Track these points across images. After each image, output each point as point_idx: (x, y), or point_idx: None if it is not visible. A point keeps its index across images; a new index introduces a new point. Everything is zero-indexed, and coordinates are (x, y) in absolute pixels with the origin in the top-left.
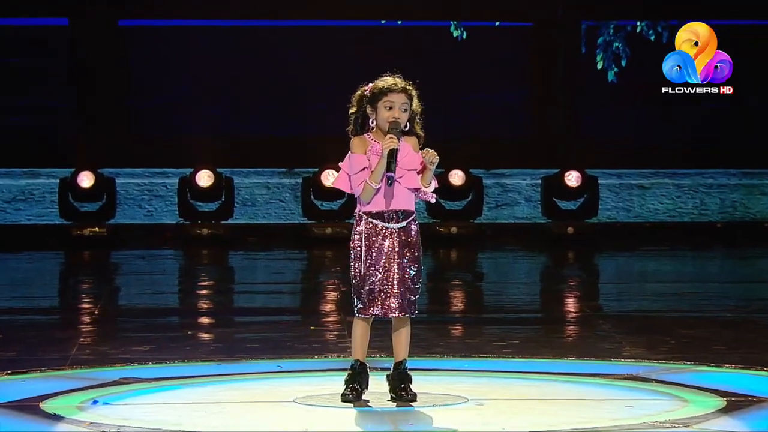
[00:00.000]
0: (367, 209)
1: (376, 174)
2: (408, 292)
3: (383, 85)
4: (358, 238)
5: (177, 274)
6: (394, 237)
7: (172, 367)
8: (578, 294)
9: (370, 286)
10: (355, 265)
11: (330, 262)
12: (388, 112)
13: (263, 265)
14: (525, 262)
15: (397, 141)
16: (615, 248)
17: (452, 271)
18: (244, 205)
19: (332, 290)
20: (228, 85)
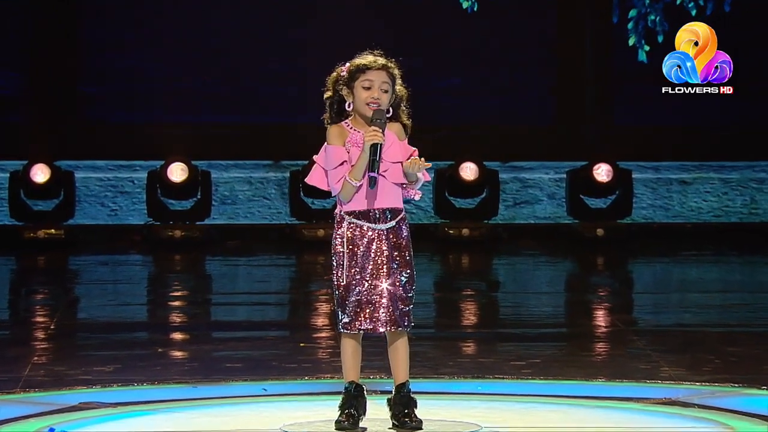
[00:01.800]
0: (349, 208)
1: (357, 170)
2: (399, 302)
3: (361, 62)
4: (339, 242)
5: (145, 283)
6: (382, 239)
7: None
8: (609, 305)
9: (356, 297)
10: (338, 274)
11: (322, 268)
12: (367, 93)
13: (245, 272)
14: (547, 269)
15: (381, 134)
16: (651, 253)
17: (463, 279)
18: (223, 203)
19: (325, 301)
20: (204, 64)
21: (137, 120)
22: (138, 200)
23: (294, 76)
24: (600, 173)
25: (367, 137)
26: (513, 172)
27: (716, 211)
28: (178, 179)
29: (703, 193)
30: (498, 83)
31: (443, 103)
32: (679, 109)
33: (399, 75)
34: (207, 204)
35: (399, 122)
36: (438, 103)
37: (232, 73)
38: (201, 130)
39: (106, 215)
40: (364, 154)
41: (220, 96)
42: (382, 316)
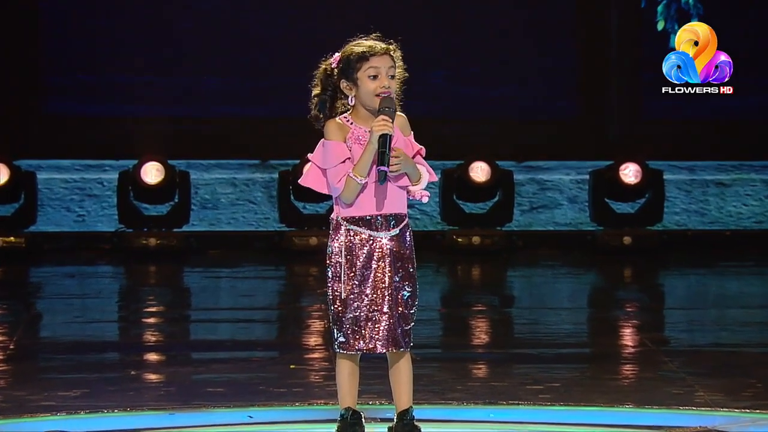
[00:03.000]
0: (349, 213)
1: (362, 165)
2: (401, 320)
3: (361, 49)
4: (337, 251)
5: (116, 297)
6: (384, 249)
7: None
8: (637, 323)
9: (355, 313)
10: (335, 287)
11: (315, 281)
12: (374, 83)
13: (229, 285)
14: (568, 282)
15: (391, 124)
16: (685, 264)
17: (473, 293)
18: (204, 207)
19: (318, 318)
20: (181, 51)
21: (107, 114)
22: (108, 204)
23: (283, 66)
24: (627, 174)
25: (375, 127)
26: (529, 173)
27: (758, 216)
28: (152, 181)
29: (743, 196)
30: (513, 73)
31: (450, 95)
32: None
33: (399, 57)
34: (185, 209)
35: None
36: (445, 94)
37: (213, 62)
38: (179, 126)
39: (72, 221)
40: (370, 146)
41: (201, 87)
42: (382, 335)
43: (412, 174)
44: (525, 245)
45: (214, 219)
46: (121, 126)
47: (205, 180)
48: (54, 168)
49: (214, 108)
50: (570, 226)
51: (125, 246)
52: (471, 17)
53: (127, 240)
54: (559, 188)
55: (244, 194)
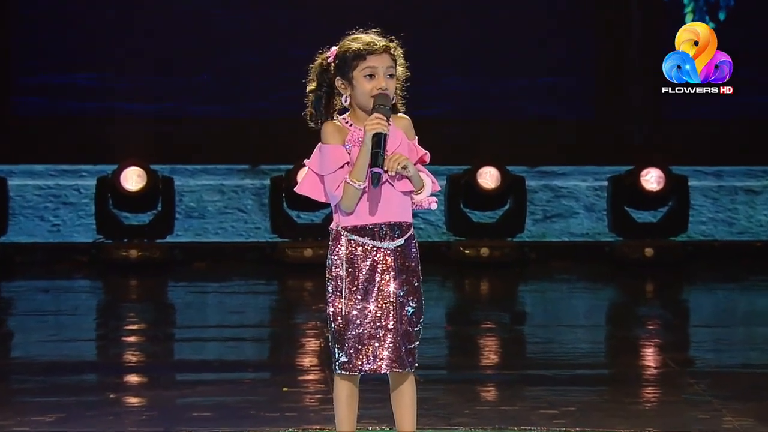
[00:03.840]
0: (350, 222)
1: (358, 169)
2: (406, 338)
3: (357, 46)
4: (338, 264)
5: (94, 314)
6: (389, 260)
7: None
8: (660, 342)
9: (358, 330)
10: (336, 304)
11: (310, 296)
12: (371, 83)
13: (216, 300)
14: (585, 297)
15: (385, 122)
16: (712, 278)
17: (482, 309)
18: (189, 216)
19: (313, 336)
20: (166, 47)
21: (84, 115)
22: (85, 213)
23: (275, 62)
24: (649, 180)
25: (368, 126)
26: (543, 179)
27: None
28: (133, 187)
29: None
30: (525, 70)
31: (456, 93)
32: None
33: (401, 55)
34: (169, 218)
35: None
36: (450, 92)
37: (199, 59)
38: (162, 127)
39: (47, 231)
40: (365, 147)
41: (186, 86)
42: (386, 354)
43: (417, 181)
44: (538, 257)
45: (201, 229)
46: (99, 128)
47: (190, 186)
48: (26, 173)
49: (200, 108)
50: (587, 236)
51: (104, 258)
52: (479, 9)
53: (106, 252)
54: (575, 196)
55: (233, 202)
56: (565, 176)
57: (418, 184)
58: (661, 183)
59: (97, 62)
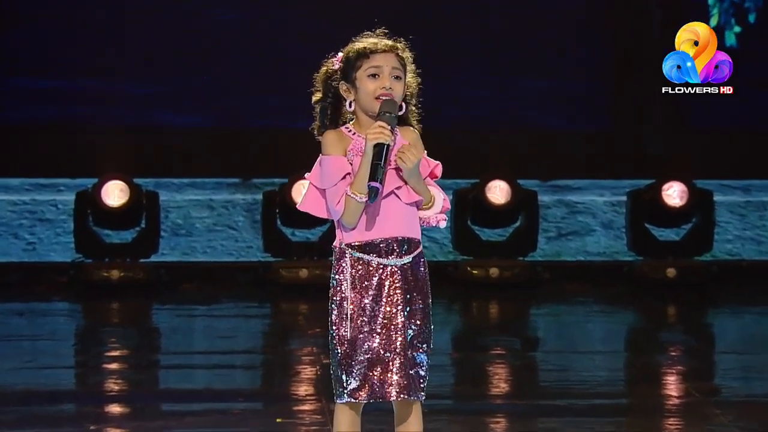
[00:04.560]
0: (353, 239)
1: (359, 180)
2: (411, 363)
3: (360, 45)
4: (343, 284)
5: (73, 340)
6: (396, 279)
7: None
8: (683, 369)
9: (366, 355)
10: (342, 327)
11: (305, 320)
12: (374, 83)
13: (204, 324)
14: (602, 321)
15: (389, 131)
16: (739, 300)
17: (491, 334)
18: (176, 234)
19: (309, 363)
20: (148, 50)
21: (62, 122)
22: (63, 231)
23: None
24: (671, 195)
25: (370, 135)
26: (557, 194)
27: None
28: (115, 203)
29: None
30: (537, 76)
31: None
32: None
33: (410, 60)
34: (154, 235)
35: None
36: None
37: (187, 64)
38: (146, 137)
39: (21, 250)
40: (366, 158)
41: (172, 93)
42: (395, 380)
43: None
44: (551, 278)
45: (188, 248)
46: (79, 138)
47: (177, 202)
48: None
49: (187, 117)
50: (604, 255)
51: (83, 279)
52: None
53: (86, 272)
54: (591, 211)
55: (223, 219)
56: (581, 191)
57: (425, 197)
58: (684, 198)
59: (76, 66)
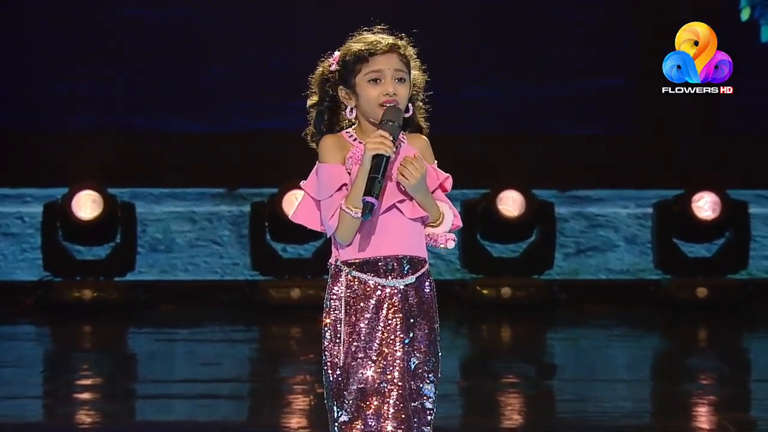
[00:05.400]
0: (350, 256)
1: (355, 193)
2: (416, 395)
3: (358, 47)
4: (336, 305)
5: (41, 366)
6: (395, 302)
7: None
8: (715, 399)
9: (360, 384)
10: (334, 353)
11: (298, 345)
12: (376, 89)
13: (186, 350)
14: (625, 346)
15: (390, 141)
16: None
17: (503, 360)
18: (154, 249)
19: (301, 393)
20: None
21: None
22: (29, 246)
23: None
24: (702, 207)
25: (369, 145)
26: (575, 205)
27: None
28: (87, 215)
29: None
30: (553, 75)
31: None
32: None
33: (414, 56)
34: (130, 251)
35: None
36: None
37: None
38: (122, 143)
39: None
40: (363, 169)
41: (150, 95)
42: (392, 413)
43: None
44: (569, 299)
45: (168, 265)
46: (47, 144)
47: (155, 214)
48: None
49: (167, 122)
50: (628, 273)
51: (52, 300)
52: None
53: (55, 292)
54: (613, 225)
55: (207, 233)
56: (602, 202)
57: (432, 215)
58: (716, 210)
59: (43, 66)
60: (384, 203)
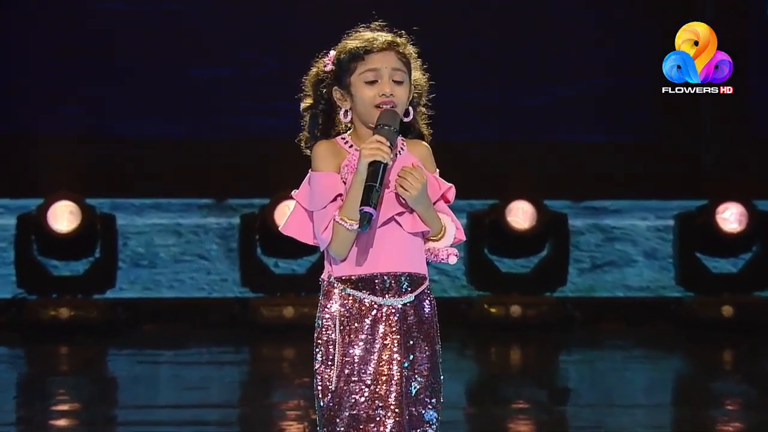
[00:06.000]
0: (344, 272)
1: (350, 203)
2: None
3: (354, 44)
4: (329, 325)
5: (15, 391)
6: (392, 322)
7: None
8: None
9: (353, 411)
10: (325, 376)
11: (291, 367)
12: (372, 89)
13: (171, 373)
14: (644, 369)
15: (387, 147)
16: None
17: (513, 384)
18: (136, 265)
19: (294, 419)
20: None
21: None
22: (2, 261)
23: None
24: (727, 218)
25: (365, 151)
26: (591, 217)
27: None
28: (64, 228)
29: None
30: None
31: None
32: None
33: (415, 56)
34: (110, 267)
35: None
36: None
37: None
38: (101, 150)
39: None
40: (358, 177)
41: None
42: None
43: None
44: (584, 318)
45: (151, 281)
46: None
47: (137, 227)
48: None
49: (150, 126)
50: (647, 291)
51: (27, 319)
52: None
53: (30, 310)
54: (631, 238)
55: (193, 247)
56: (620, 213)
57: (434, 227)
58: (742, 222)
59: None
60: (381, 215)
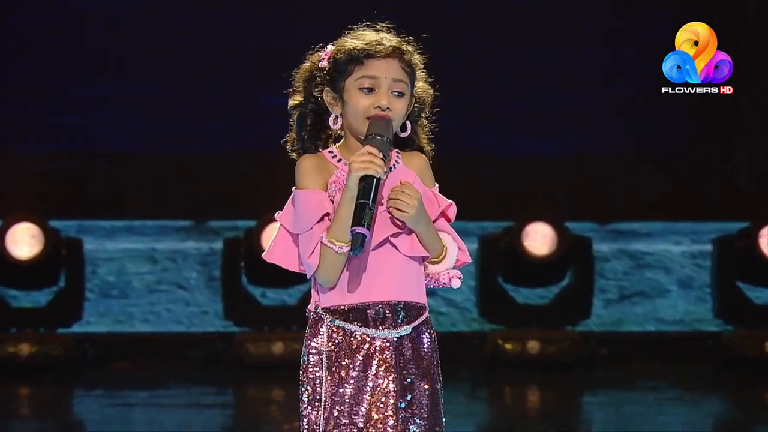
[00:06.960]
0: (333, 302)
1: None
2: None
3: (354, 45)
4: (316, 361)
5: None
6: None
7: None
8: None
9: None
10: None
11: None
12: (368, 99)
13: (144, 417)
14: (679, 412)
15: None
16: None
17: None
18: (106, 295)
19: None
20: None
21: None
22: None
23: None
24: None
25: (354, 164)
26: (617, 241)
27: None
28: (25, 254)
29: None
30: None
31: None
32: None
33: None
34: (77, 298)
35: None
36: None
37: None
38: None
39: None
40: (348, 194)
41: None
42: None
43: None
44: (611, 354)
45: (122, 314)
46: None
47: (107, 252)
48: None
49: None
50: (682, 324)
51: None
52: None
53: None
54: (664, 265)
55: (170, 275)
56: (650, 237)
57: (435, 248)
58: None
59: None
60: (375, 237)
